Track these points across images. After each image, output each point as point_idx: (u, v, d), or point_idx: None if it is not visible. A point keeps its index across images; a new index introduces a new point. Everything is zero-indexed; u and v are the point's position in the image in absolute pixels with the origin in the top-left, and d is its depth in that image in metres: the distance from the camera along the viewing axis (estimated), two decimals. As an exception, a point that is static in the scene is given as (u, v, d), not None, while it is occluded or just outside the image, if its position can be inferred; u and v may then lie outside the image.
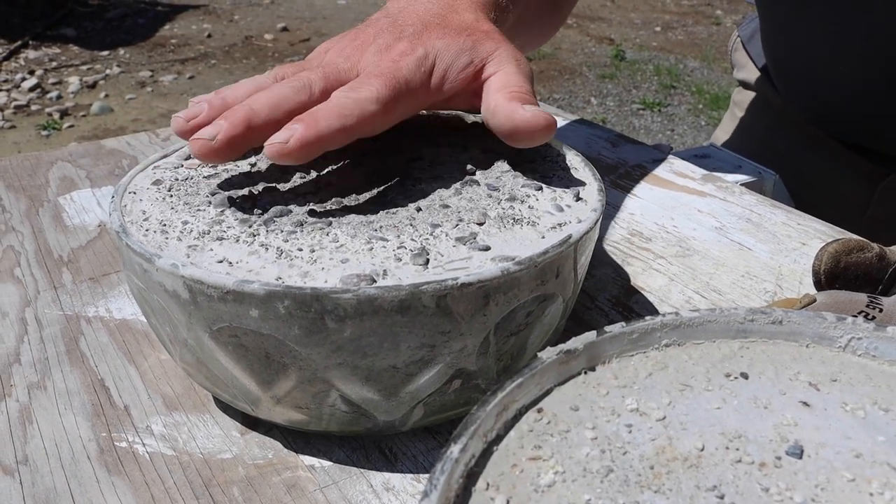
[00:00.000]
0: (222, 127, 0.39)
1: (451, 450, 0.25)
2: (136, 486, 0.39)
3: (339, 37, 0.48)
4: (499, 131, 0.44)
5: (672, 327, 0.32)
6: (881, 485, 0.25)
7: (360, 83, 0.42)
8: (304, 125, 0.39)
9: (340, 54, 0.45)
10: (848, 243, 0.46)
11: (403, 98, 0.43)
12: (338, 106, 0.40)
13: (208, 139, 0.39)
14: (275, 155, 0.39)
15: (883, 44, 0.72)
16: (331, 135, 0.40)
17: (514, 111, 0.43)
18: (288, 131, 0.39)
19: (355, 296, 0.33)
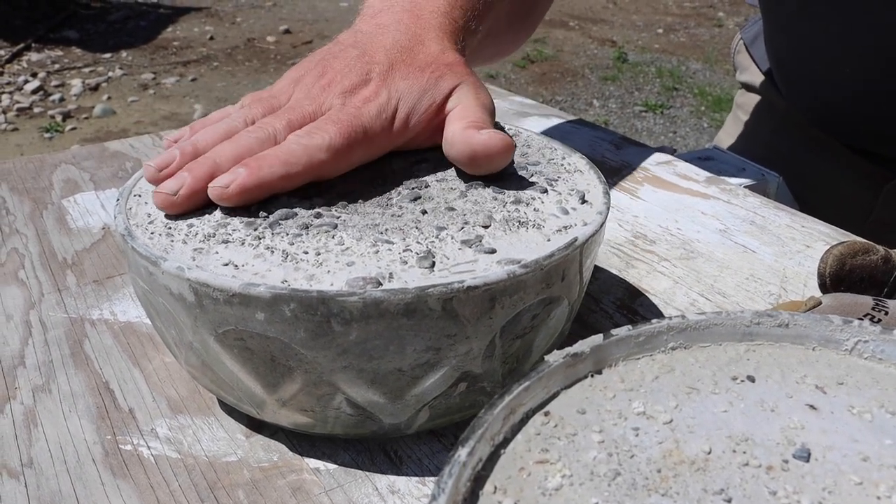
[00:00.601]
0: (185, 181, 0.40)
1: (458, 453, 0.25)
2: (141, 489, 0.39)
3: (308, 64, 0.48)
4: (458, 160, 0.44)
5: (678, 330, 0.32)
6: (889, 488, 0.25)
7: (316, 129, 0.42)
8: (247, 171, 0.40)
9: (307, 94, 0.46)
10: (853, 246, 0.46)
11: (359, 145, 0.43)
12: (286, 153, 0.41)
13: (170, 193, 0.40)
14: (215, 198, 0.40)
15: (886, 45, 0.72)
16: (272, 181, 0.40)
17: (471, 136, 0.43)
18: (231, 175, 0.40)
19: (361, 299, 0.33)
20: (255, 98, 0.47)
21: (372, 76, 0.45)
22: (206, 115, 0.48)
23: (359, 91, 0.45)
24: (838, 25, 0.76)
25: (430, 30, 0.49)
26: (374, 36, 0.48)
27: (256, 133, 0.43)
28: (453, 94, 0.47)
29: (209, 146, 0.43)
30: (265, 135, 0.43)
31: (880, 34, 0.72)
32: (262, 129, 0.43)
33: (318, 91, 0.45)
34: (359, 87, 0.45)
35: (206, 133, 0.44)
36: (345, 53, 0.47)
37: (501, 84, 4.09)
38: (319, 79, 0.46)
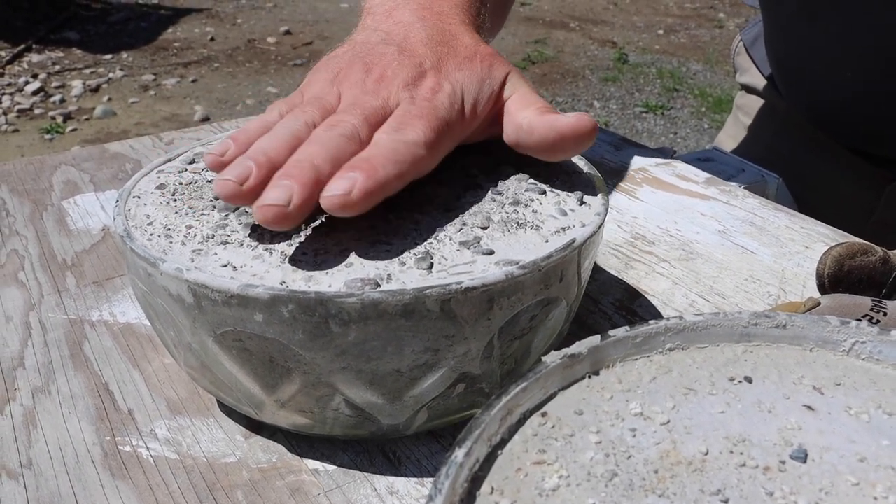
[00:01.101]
0: (293, 189, 0.36)
1: (455, 454, 0.25)
2: (140, 490, 0.39)
3: (339, 63, 0.45)
4: (540, 145, 0.43)
5: (676, 331, 0.32)
6: (885, 489, 0.25)
7: (403, 124, 0.40)
8: (363, 174, 0.36)
9: (363, 90, 0.43)
10: (852, 247, 0.46)
11: (445, 137, 0.42)
12: (391, 151, 0.38)
13: (283, 205, 0.35)
14: (336, 207, 0.36)
15: (886, 46, 0.72)
16: (389, 182, 0.37)
17: (556, 120, 0.42)
18: (348, 181, 0.36)
19: (359, 300, 0.33)
20: (294, 102, 0.44)
21: (426, 68, 0.44)
22: (205, 118, 0.47)
23: (420, 83, 0.43)
24: (838, 26, 0.76)
25: (455, 24, 0.48)
26: (403, 32, 0.46)
27: (339, 131, 0.39)
28: (507, 83, 0.46)
29: (281, 153, 0.39)
30: (348, 132, 0.39)
31: (880, 35, 0.72)
32: (342, 127, 0.40)
33: (373, 86, 0.43)
34: (418, 79, 0.43)
35: (270, 140, 0.39)
36: (381, 49, 0.45)
37: (502, 85, 4.08)
38: (367, 74, 0.44)
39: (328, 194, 0.36)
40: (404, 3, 0.49)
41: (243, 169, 0.37)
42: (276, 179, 0.36)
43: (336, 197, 0.35)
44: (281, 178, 0.36)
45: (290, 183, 0.36)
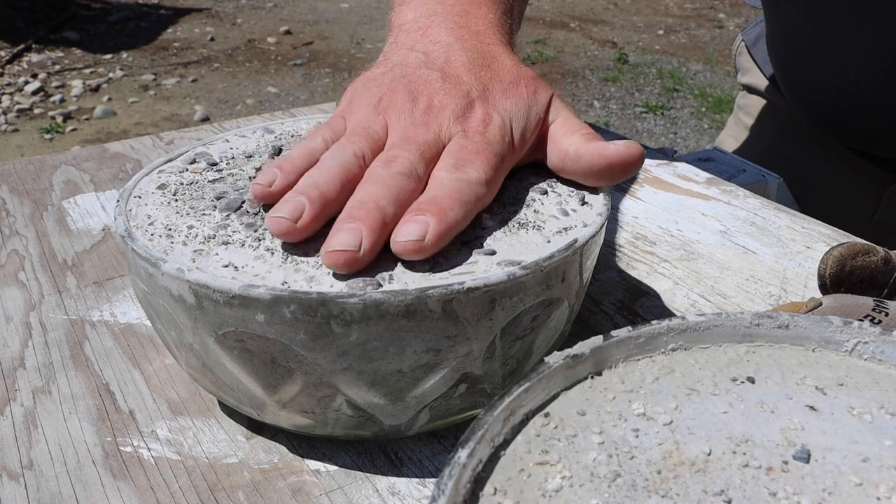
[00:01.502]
0: (363, 233, 0.36)
1: (458, 455, 0.25)
2: (141, 491, 0.39)
3: (380, 88, 0.44)
4: (588, 173, 0.43)
5: (678, 331, 0.32)
6: (889, 489, 0.25)
7: (464, 162, 0.40)
8: (435, 218, 0.36)
9: (413, 122, 0.42)
10: (853, 247, 0.46)
11: (500, 171, 0.41)
12: (457, 192, 0.38)
13: (353, 250, 0.35)
14: (411, 252, 0.36)
15: (889, 47, 0.72)
16: (458, 224, 0.37)
17: (604, 149, 0.42)
18: (420, 226, 0.36)
19: (361, 300, 0.33)
20: (338, 129, 0.44)
21: (473, 97, 0.43)
22: (205, 118, 0.47)
23: (470, 115, 0.42)
24: (840, 26, 0.76)
25: (494, 45, 0.47)
26: (443, 55, 0.45)
27: (398, 168, 0.39)
28: (551, 107, 0.45)
29: (333, 187, 0.38)
30: (407, 170, 0.39)
31: (882, 35, 0.72)
32: (400, 164, 0.39)
33: (422, 117, 0.42)
34: (467, 110, 0.42)
35: (321, 174, 0.39)
36: (424, 75, 0.44)
37: (502, 85, 4.08)
38: (414, 103, 0.43)
39: (401, 239, 0.36)
40: (440, 21, 0.48)
41: (296, 205, 0.37)
42: (342, 222, 0.36)
43: (411, 243, 0.35)
44: (347, 220, 0.36)
45: (358, 226, 0.36)
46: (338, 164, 0.40)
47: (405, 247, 0.35)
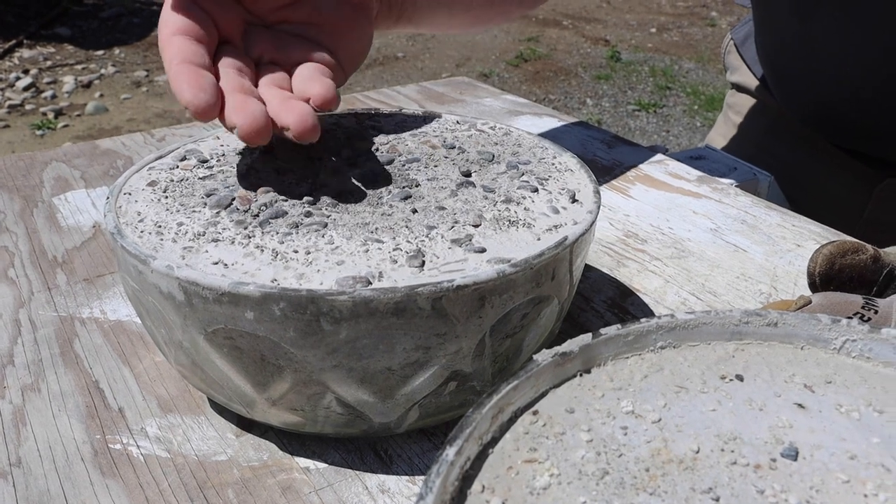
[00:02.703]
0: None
1: (446, 452, 0.25)
2: (130, 489, 0.38)
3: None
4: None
5: (667, 329, 0.32)
6: (875, 486, 0.26)
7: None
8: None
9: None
10: (843, 245, 0.46)
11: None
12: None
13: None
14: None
15: (878, 47, 0.72)
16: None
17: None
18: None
19: (351, 298, 0.33)
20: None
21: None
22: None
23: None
24: (826, 25, 0.76)
25: None
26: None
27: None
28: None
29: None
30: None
31: (871, 33, 0.72)
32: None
33: None
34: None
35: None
36: None
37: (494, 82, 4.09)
38: None
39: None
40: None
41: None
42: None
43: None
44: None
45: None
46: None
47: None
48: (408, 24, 0.60)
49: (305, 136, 0.40)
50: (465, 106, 0.94)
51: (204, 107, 0.40)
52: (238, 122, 0.40)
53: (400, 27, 0.60)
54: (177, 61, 0.42)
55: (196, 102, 0.40)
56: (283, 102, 0.42)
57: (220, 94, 0.41)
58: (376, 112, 0.54)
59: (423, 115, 0.54)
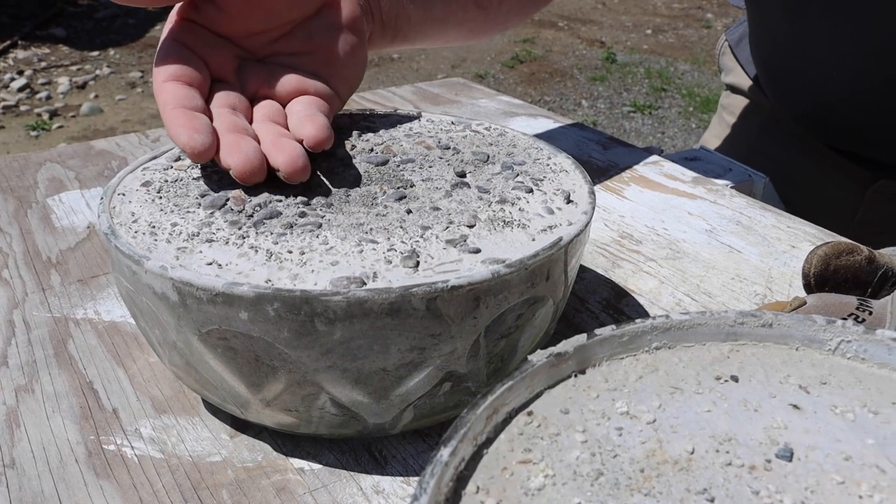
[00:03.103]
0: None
1: (440, 453, 0.25)
2: (124, 490, 0.38)
3: None
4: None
5: (662, 330, 0.32)
6: (870, 487, 0.25)
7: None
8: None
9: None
10: (837, 246, 0.46)
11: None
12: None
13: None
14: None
15: (871, 47, 0.73)
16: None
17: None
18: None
19: (345, 298, 0.33)
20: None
21: None
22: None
23: None
24: (818, 25, 0.76)
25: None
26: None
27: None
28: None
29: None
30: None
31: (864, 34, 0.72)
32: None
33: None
34: None
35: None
36: None
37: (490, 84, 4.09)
38: None
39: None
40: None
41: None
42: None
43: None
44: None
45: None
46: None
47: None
48: (403, 41, 0.60)
49: (294, 178, 0.41)
50: (461, 107, 0.94)
51: (200, 149, 0.41)
52: (232, 163, 0.41)
53: (396, 45, 0.60)
54: (171, 106, 0.43)
55: (192, 144, 0.41)
56: (275, 141, 0.43)
57: (215, 135, 0.42)
58: (371, 112, 0.54)
59: (418, 115, 0.54)
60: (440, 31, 0.63)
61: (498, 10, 0.67)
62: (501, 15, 0.68)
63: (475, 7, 0.64)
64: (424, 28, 0.60)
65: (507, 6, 0.67)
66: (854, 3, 0.71)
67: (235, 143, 0.42)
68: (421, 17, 0.59)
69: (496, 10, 0.67)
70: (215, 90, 0.46)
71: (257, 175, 0.41)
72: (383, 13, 0.55)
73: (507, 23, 0.70)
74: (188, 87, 0.44)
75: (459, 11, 0.63)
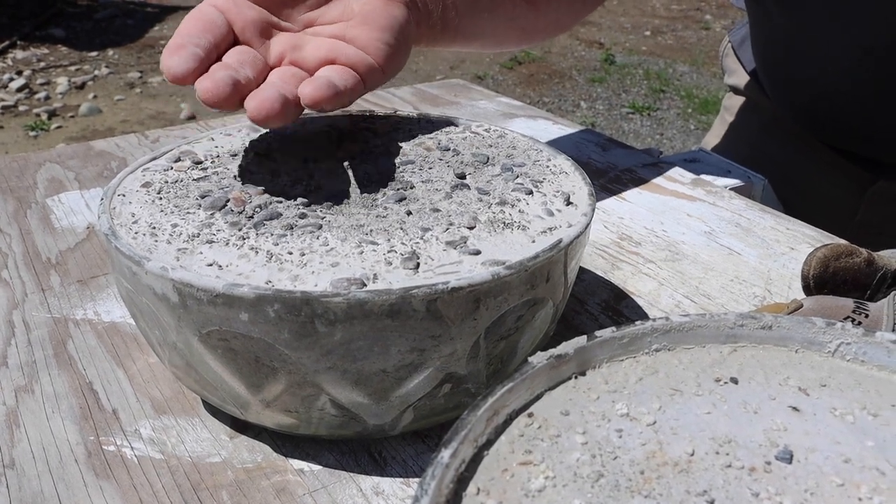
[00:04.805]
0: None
1: (441, 455, 0.25)
2: (124, 490, 0.38)
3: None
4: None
5: (662, 332, 0.32)
6: (870, 489, 0.26)
7: None
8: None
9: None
10: (836, 248, 0.46)
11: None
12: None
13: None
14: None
15: (870, 47, 0.73)
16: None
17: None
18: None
19: (345, 300, 0.33)
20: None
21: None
22: (191, 116, 0.49)
23: None
24: (817, 23, 0.76)
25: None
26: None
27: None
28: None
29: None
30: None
31: (863, 34, 0.73)
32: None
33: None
34: None
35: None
36: None
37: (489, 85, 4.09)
38: None
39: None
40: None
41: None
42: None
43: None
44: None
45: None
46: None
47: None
48: (455, 36, 0.58)
49: (259, 122, 0.40)
50: (460, 108, 0.94)
51: (175, 70, 0.41)
52: (198, 85, 0.40)
53: (448, 39, 0.58)
54: (173, 39, 0.43)
55: (168, 64, 0.41)
56: (259, 89, 0.42)
57: (200, 65, 0.41)
58: (371, 114, 0.54)
59: (418, 117, 0.54)
60: (490, 25, 0.62)
61: (548, 6, 0.66)
62: (552, 12, 0.67)
63: (524, 2, 0.63)
64: (474, 22, 0.59)
65: (556, 3, 0.67)
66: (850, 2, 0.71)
67: (213, 71, 0.41)
68: (468, 9, 0.57)
69: (546, 7, 0.66)
70: (234, 48, 0.45)
71: (222, 101, 0.40)
72: (427, 0, 0.53)
73: (560, 22, 0.69)
74: (203, 31, 0.44)
75: (509, 6, 0.62)
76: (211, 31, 0.44)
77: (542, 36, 0.70)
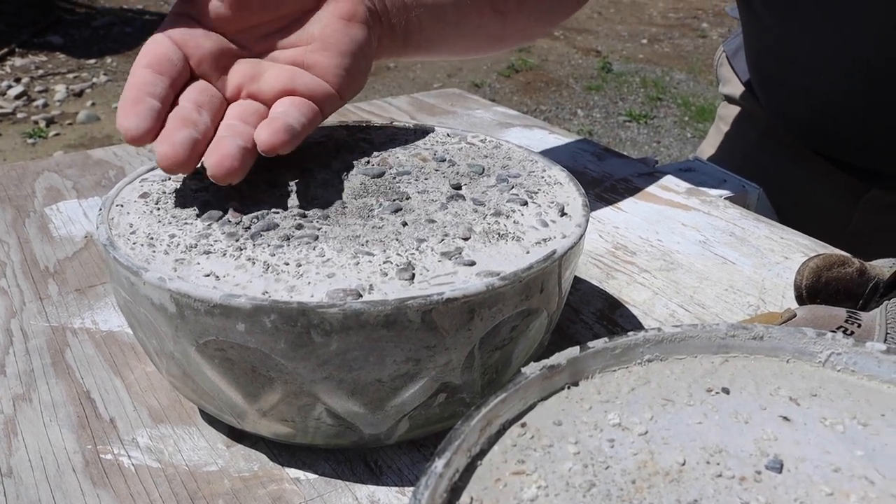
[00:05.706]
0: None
1: (435, 464, 0.26)
2: (121, 499, 0.39)
3: None
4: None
5: (654, 343, 0.32)
6: (859, 499, 0.26)
7: None
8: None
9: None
10: (829, 258, 0.47)
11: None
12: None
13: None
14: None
15: (863, 56, 0.73)
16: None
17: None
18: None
19: (341, 310, 0.34)
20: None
21: None
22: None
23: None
24: (809, 33, 0.76)
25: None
26: None
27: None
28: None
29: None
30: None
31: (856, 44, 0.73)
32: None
33: None
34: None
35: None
36: None
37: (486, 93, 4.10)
38: None
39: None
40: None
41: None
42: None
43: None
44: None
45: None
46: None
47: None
48: (419, 48, 0.58)
49: (219, 179, 0.40)
50: (456, 118, 0.95)
51: (133, 132, 0.41)
52: (158, 150, 0.40)
53: (411, 52, 0.58)
54: (128, 90, 0.42)
55: (126, 126, 0.40)
56: (218, 139, 0.42)
57: (158, 122, 0.41)
58: (367, 124, 0.55)
59: (414, 127, 0.54)
60: (455, 35, 0.61)
61: (517, 15, 0.65)
62: (521, 20, 0.66)
63: (491, 11, 0.62)
64: (439, 33, 0.59)
65: (526, 11, 0.66)
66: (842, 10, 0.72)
67: (170, 131, 0.41)
68: (433, 21, 0.57)
69: (515, 16, 0.65)
70: (191, 87, 0.45)
71: (180, 166, 0.40)
72: (390, 15, 0.54)
73: (528, 31, 0.69)
74: (158, 75, 0.43)
75: (474, 15, 0.61)
76: (167, 72, 0.44)
77: (511, 43, 0.70)
